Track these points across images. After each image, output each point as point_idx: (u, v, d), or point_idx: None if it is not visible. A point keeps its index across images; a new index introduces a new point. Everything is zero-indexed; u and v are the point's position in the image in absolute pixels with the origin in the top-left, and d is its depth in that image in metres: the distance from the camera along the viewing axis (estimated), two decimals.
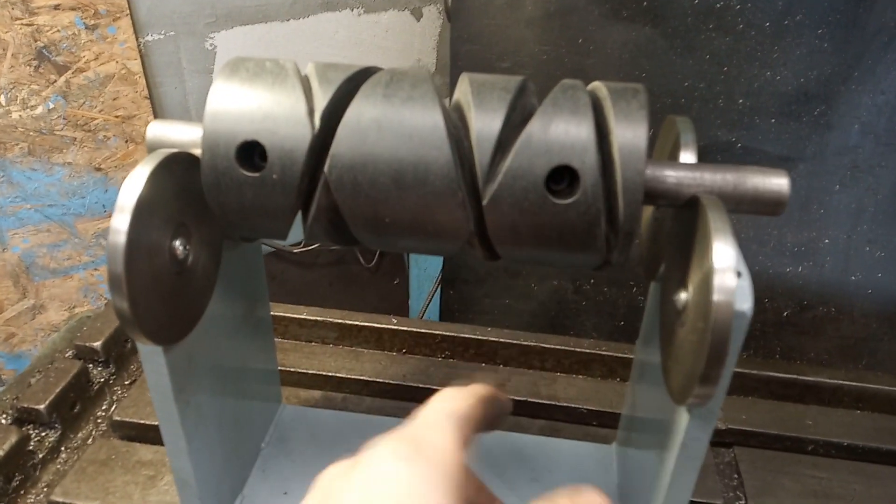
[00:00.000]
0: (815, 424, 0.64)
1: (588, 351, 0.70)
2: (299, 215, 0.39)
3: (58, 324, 1.31)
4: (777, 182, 0.38)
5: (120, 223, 0.35)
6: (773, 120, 0.84)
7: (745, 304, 0.34)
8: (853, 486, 0.59)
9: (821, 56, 0.80)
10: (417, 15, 1.62)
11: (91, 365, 0.69)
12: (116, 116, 1.23)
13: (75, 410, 0.65)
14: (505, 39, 0.84)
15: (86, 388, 0.67)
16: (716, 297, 0.31)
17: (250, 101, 0.37)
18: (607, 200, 0.36)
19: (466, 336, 0.71)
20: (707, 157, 0.86)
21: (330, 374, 0.68)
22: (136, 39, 1.21)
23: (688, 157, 0.42)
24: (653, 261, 0.46)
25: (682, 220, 0.38)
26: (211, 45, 1.32)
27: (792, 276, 0.88)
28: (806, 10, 0.78)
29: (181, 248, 0.39)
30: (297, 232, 0.40)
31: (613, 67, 0.84)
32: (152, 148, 0.41)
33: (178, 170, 0.38)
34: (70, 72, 1.17)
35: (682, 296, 0.36)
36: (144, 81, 1.24)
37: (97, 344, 0.68)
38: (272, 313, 0.62)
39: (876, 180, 0.84)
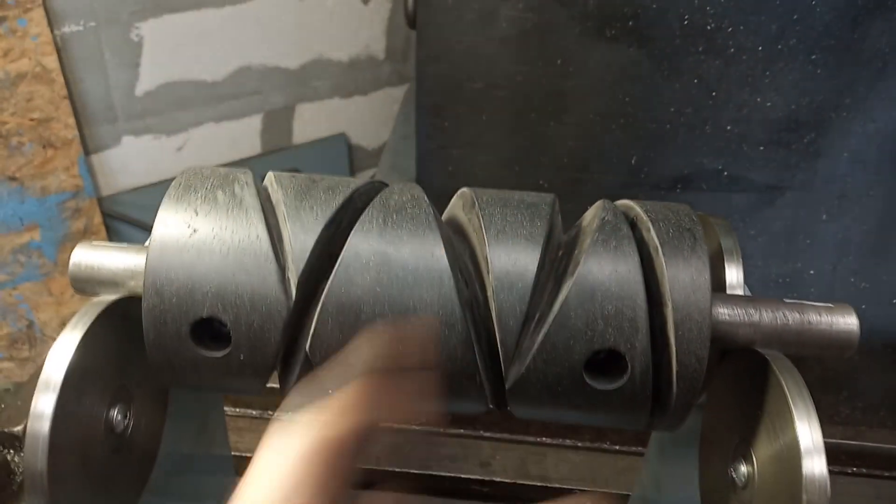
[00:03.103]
0: None
1: None
2: None
3: None
4: (846, 322, 0.32)
5: (43, 405, 0.26)
6: (761, 147, 0.79)
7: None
8: None
9: (813, 82, 0.75)
10: None
11: (12, 452, 0.60)
12: (31, 119, 1.09)
13: None
14: (476, 58, 0.76)
15: (7, 483, 0.57)
16: (808, 488, 0.26)
17: (203, 261, 0.28)
18: (657, 383, 0.29)
19: None
20: (692, 184, 0.81)
21: None
22: (52, 32, 1.07)
23: (733, 272, 0.36)
24: None
25: (735, 369, 0.32)
26: (137, 35, 1.18)
27: None
28: (800, 34, 0.73)
29: (120, 417, 0.31)
30: None
31: (595, 90, 0.77)
32: (77, 281, 0.32)
33: (116, 322, 0.30)
34: None
35: (743, 469, 0.30)
36: (62, 79, 1.10)
37: (18, 429, 0.59)
38: None
39: (863, 210, 0.81)
